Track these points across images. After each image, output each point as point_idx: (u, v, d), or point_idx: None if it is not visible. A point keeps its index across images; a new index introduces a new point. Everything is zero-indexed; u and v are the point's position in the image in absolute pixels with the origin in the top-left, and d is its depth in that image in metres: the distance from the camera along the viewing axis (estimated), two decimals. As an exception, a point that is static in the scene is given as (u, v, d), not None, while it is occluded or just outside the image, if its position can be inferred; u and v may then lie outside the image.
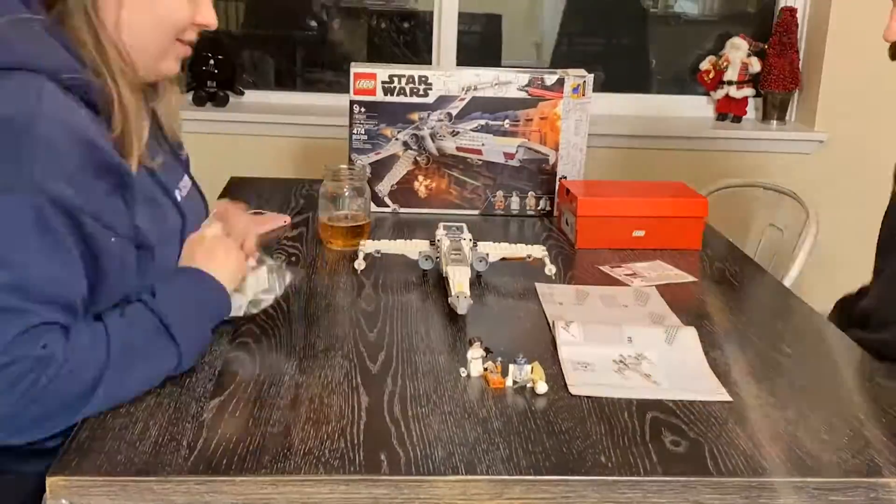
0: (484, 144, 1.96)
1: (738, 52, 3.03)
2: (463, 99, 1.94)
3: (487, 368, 1.17)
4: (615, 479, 0.97)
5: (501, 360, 1.18)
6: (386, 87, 1.93)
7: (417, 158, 1.97)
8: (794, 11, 2.98)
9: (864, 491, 0.99)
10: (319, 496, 0.95)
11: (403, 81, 1.93)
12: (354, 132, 1.95)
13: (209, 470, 0.95)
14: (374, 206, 1.87)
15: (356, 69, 1.93)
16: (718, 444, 1.04)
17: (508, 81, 1.94)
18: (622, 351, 1.27)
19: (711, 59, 3.10)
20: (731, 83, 3.04)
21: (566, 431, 1.06)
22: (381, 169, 1.97)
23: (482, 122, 1.95)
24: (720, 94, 3.08)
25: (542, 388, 1.14)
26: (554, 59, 3.28)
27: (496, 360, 1.18)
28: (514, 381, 1.16)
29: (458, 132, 1.95)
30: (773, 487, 0.98)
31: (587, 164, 2.01)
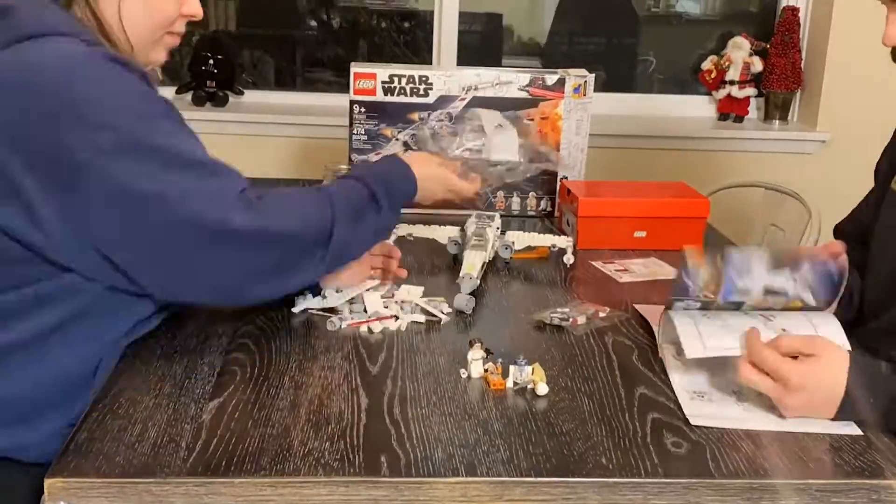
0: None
1: (739, 51, 3.03)
2: (463, 99, 1.94)
3: (488, 370, 1.17)
4: (616, 480, 0.97)
5: (502, 361, 1.17)
6: (386, 86, 1.92)
7: (418, 158, 1.96)
8: (796, 11, 2.98)
9: (866, 493, 0.98)
10: (318, 498, 0.94)
11: (404, 81, 1.92)
12: (354, 132, 1.94)
13: (208, 471, 0.95)
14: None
15: (356, 69, 1.93)
16: (720, 445, 1.04)
17: (509, 81, 1.94)
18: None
19: (713, 58, 3.09)
20: (732, 83, 3.04)
21: (567, 433, 1.05)
22: (381, 169, 1.96)
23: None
24: (722, 93, 3.07)
25: (542, 389, 1.14)
26: (555, 58, 3.28)
27: (497, 361, 1.17)
28: (514, 382, 1.15)
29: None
30: (774, 489, 0.98)
31: (588, 164, 2.01)
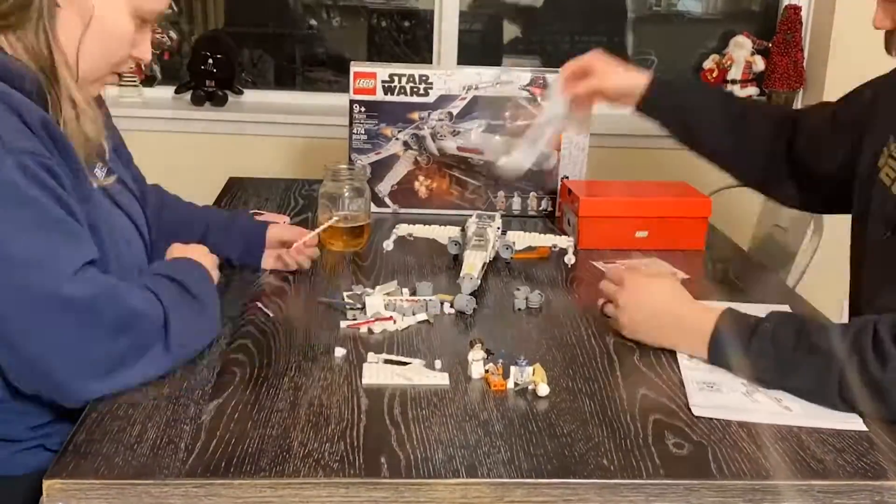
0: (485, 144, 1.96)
1: (741, 50, 3.02)
2: (464, 98, 1.93)
3: (489, 370, 1.17)
4: (617, 482, 0.97)
5: (503, 361, 1.17)
6: (386, 86, 1.92)
7: (418, 158, 1.96)
8: (798, 9, 2.97)
9: (868, 494, 0.98)
10: (318, 499, 0.94)
11: (404, 80, 1.92)
12: (354, 132, 1.94)
13: (207, 473, 0.94)
14: (374, 206, 1.86)
15: (356, 68, 1.92)
16: (721, 446, 1.03)
17: (510, 80, 1.93)
18: None
19: (715, 57, 3.09)
20: (734, 82, 3.04)
21: (568, 434, 1.05)
22: (381, 169, 1.96)
23: (483, 121, 1.94)
24: (723, 92, 3.07)
25: (543, 390, 1.13)
26: (555, 57, 3.27)
27: (497, 361, 1.17)
28: (515, 382, 1.15)
29: (458, 132, 1.94)
30: (776, 490, 0.97)
31: (589, 163, 2.00)
